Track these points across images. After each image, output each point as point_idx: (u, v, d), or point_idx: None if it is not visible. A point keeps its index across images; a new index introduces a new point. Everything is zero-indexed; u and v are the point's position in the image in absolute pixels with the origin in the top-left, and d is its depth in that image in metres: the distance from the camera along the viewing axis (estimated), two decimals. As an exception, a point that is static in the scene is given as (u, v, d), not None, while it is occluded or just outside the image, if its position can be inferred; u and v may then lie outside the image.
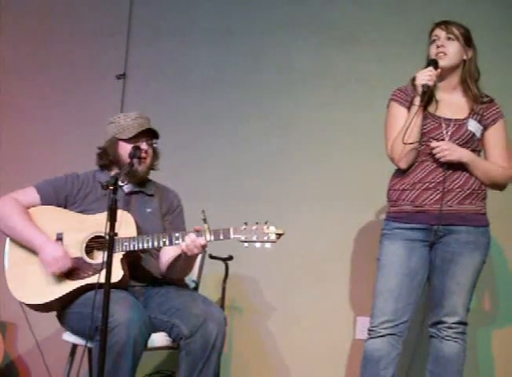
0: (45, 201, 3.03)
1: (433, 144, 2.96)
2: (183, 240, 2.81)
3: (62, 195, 3.05)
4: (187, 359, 2.81)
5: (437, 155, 2.94)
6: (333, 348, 3.82)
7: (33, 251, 2.93)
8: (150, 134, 3.07)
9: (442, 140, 2.98)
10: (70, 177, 3.10)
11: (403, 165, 3.02)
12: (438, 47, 3.01)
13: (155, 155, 3.13)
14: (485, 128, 3.05)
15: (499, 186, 3.08)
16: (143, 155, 3.04)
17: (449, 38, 3.02)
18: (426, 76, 2.95)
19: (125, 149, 3.03)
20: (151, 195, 3.14)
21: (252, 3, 4.13)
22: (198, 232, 2.80)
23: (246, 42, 4.09)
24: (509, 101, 3.24)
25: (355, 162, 3.88)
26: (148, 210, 3.09)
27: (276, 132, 4.01)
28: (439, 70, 2.99)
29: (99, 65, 4.14)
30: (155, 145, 3.10)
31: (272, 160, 3.99)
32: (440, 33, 3.03)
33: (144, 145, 3.05)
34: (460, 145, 2.98)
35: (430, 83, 2.95)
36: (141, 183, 3.13)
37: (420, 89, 2.95)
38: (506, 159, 3.05)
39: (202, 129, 4.04)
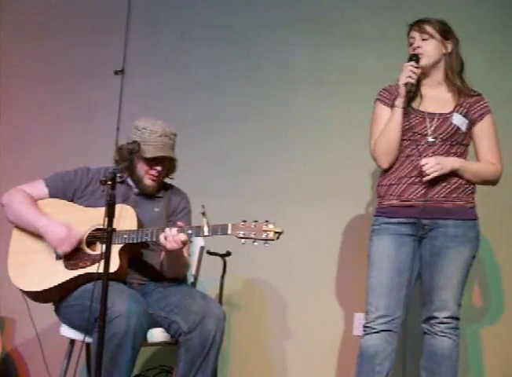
0: (53, 194, 3.07)
1: (422, 161, 2.95)
2: None
3: (70, 188, 3.09)
4: (186, 355, 2.82)
5: (428, 172, 2.93)
6: (331, 344, 3.83)
7: (37, 240, 2.97)
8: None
9: (425, 135, 3.00)
10: (79, 171, 3.13)
11: (384, 164, 3.07)
12: (414, 49, 3.04)
13: (171, 170, 3.15)
14: (473, 123, 3.06)
15: (490, 183, 3.10)
16: (155, 174, 3.06)
17: (424, 39, 3.04)
18: (407, 73, 2.97)
19: (138, 160, 3.03)
20: (160, 197, 3.16)
21: (251, 0, 4.13)
22: (180, 228, 2.81)
23: (245, 39, 4.08)
24: (508, 101, 3.24)
25: (353, 160, 3.88)
26: (156, 209, 3.11)
27: (275, 128, 4.01)
28: (419, 70, 3.00)
29: (97, 61, 4.13)
30: (173, 162, 3.11)
31: (271, 157, 4.00)
32: (415, 34, 3.07)
33: (158, 167, 3.06)
34: (444, 139, 3.00)
35: (413, 81, 2.97)
36: None
37: (403, 89, 2.98)
38: (495, 153, 3.06)
39: (201, 125, 4.03)
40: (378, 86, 3.17)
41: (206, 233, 2.80)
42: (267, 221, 2.76)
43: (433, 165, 2.93)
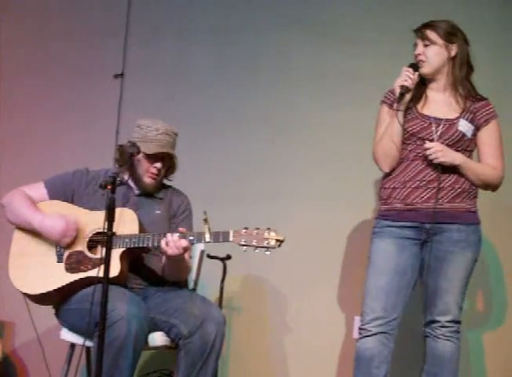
0: (53, 196, 3.08)
1: (427, 145, 2.96)
2: None
3: (69, 190, 3.09)
4: (186, 359, 2.81)
5: (431, 157, 2.94)
6: (331, 347, 3.83)
7: (38, 242, 2.97)
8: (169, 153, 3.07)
9: (431, 140, 2.99)
10: (78, 173, 3.14)
11: (385, 168, 3.06)
12: (416, 57, 3.04)
13: (171, 170, 3.16)
14: (478, 128, 3.04)
15: (491, 187, 3.08)
16: (155, 171, 3.06)
17: (425, 45, 3.03)
18: (402, 77, 2.97)
19: (138, 157, 3.04)
20: (161, 199, 3.16)
21: (250, 3, 4.13)
22: (181, 234, 2.81)
23: (244, 42, 4.09)
24: (508, 102, 3.23)
25: (355, 163, 3.87)
26: (157, 211, 3.11)
27: (275, 132, 4.01)
28: (416, 73, 2.99)
29: (97, 65, 4.14)
30: (173, 160, 3.11)
31: (271, 161, 4.00)
32: (418, 41, 3.05)
33: (158, 164, 3.06)
34: (449, 145, 2.98)
35: (407, 84, 2.96)
36: None
37: (398, 91, 2.97)
38: (498, 159, 3.04)
39: (201, 129, 4.04)
40: (379, 89, 3.16)
41: (207, 240, 2.80)
42: (269, 229, 2.76)
43: (436, 151, 2.93)
